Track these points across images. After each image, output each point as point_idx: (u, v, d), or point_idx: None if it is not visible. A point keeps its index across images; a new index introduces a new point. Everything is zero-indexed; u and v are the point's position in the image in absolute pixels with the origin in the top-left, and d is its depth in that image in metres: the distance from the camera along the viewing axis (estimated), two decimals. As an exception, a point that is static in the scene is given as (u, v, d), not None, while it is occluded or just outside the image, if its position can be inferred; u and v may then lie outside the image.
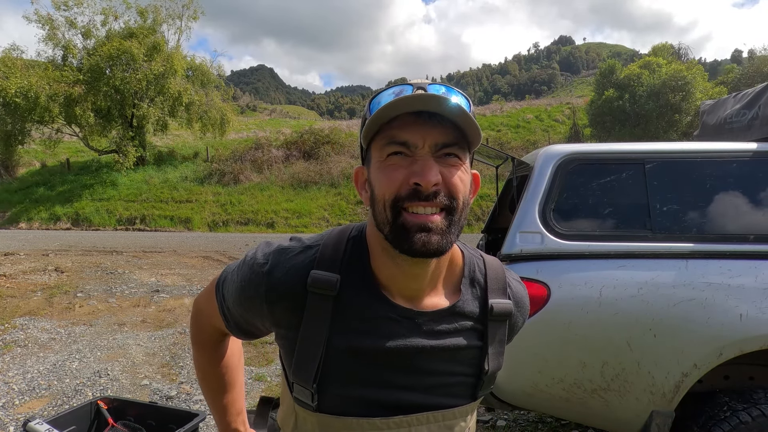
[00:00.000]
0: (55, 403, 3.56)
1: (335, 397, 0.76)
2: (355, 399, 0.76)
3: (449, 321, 0.79)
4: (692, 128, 18.45)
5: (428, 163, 0.68)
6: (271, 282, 0.76)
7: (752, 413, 1.92)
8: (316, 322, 0.75)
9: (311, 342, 0.75)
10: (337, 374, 0.76)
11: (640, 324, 1.97)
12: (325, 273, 0.75)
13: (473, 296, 0.82)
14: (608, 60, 24.31)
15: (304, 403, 0.78)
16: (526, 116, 26.47)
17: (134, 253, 10.55)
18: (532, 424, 3.21)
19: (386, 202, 0.70)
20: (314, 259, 0.77)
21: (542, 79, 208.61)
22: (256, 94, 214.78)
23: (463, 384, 0.81)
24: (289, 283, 0.76)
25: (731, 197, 2.17)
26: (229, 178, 19.37)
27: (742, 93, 3.07)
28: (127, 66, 18.75)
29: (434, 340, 0.77)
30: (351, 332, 0.75)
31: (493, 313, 0.81)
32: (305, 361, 0.76)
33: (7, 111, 18.09)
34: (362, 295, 0.76)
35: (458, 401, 0.80)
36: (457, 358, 0.79)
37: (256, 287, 0.78)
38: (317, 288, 0.75)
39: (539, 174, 2.24)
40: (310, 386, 0.75)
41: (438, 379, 0.79)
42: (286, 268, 0.77)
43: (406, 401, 0.77)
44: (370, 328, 0.75)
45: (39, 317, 5.65)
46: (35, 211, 18.04)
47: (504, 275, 0.85)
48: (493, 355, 0.81)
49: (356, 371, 0.76)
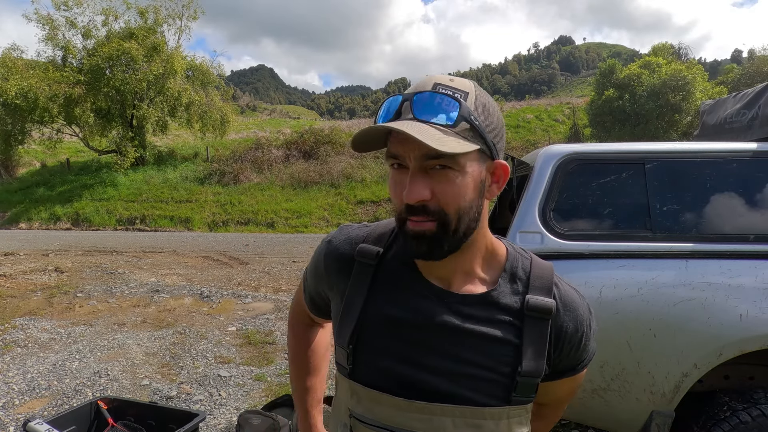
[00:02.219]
0: (55, 403, 3.56)
1: (365, 365, 0.81)
2: (381, 369, 0.80)
3: (481, 308, 0.79)
4: (692, 128, 18.44)
5: (413, 180, 0.72)
6: (329, 248, 0.90)
7: (752, 413, 1.92)
8: (358, 288, 0.83)
9: (351, 305, 0.83)
10: (368, 339, 0.81)
11: (640, 324, 1.97)
12: (370, 246, 0.86)
13: (512, 291, 0.81)
14: (608, 60, 24.30)
15: (341, 367, 0.85)
16: (526, 116, 26.47)
17: (134, 253, 10.55)
18: (532, 424, 3.20)
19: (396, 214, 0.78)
20: (367, 234, 0.89)
21: (542, 79, 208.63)
22: (256, 94, 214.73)
23: (494, 381, 0.77)
24: (342, 249, 0.88)
25: (731, 197, 2.16)
26: (229, 178, 19.37)
27: (742, 93, 3.07)
28: (127, 66, 18.76)
29: (462, 322, 0.78)
30: (383, 300, 0.82)
31: (529, 306, 0.79)
32: (345, 322, 0.83)
33: (6, 111, 18.10)
34: (399, 268, 0.83)
35: (488, 400, 0.77)
36: (487, 350, 0.77)
37: (319, 254, 0.92)
38: (362, 257, 0.85)
39: (539, 174, 2.24)
40: (346, 346, 0.82)
41: (465, 368, 0.77)
42: (341, 238, 0.90)
43: (431, 385, 0.77)
44: (400, 299, 0.81)
45: (39, 317, 5.65)
46: (35, 211, 18.05)
47: (551, 276, 0.84)
48: (530, 355, 0.78)
49: (385, 340, 0.80)
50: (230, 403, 3.56)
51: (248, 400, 3.62)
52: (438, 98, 0.72)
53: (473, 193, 0.74)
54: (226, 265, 9.34)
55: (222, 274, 8.37)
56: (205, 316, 5.81)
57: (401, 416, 0.77)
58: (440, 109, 0.71)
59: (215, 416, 3.34)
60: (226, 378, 4.00)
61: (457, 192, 0.72)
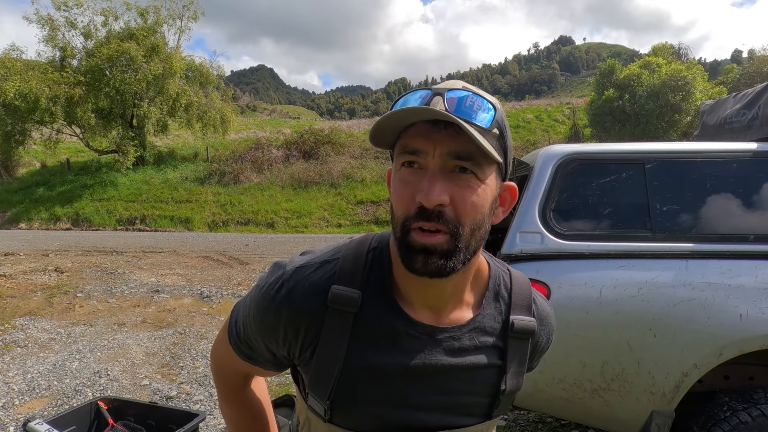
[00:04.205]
0: (55, 403, 3.55)
1: (349, 414, 0.75)
2: (369, 416, 0.74)
3: (470, 337, 0.75)
4: (692, 128, 18.45)
5: (434, 179, 0.63)
6: (290, 304, 0.73)
7: (752, 413, 1.92)
8: (335, 339, 0.72)
9: (328, 359, 0.72)
10: (353, 392, 0.73)
11: (640, 324, 1.97)
12: (346, 288, 0.72)
13: (496, 311, 0.79)
14: (608, 60, 24.29)
15: (317, 413, 0.77)
16: (526, 116, 26.47)
17: (134, 253, 10.55)
18: (532, 424, 3.21)
19: (398, 219, 0.67)
20: (333, 273, 0.74)
21: (542, 79, 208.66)
22: (256, 94, 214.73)
23: (479, 404, 0.78)
24: (310, 301, 0.72)
25: (731, 197, 2.16)
26: (229, 178, 19.37)
27: (742, 93, 3.07)
28: (126, 67, 18.76)
29: (455, 357, 0.74)
30: (370, 349, 0.73)
31: (514, 329, 0.77)
32: (321, 378, 0.73)
33: (6, 112, 18.10)
34: (383, 310, 0.73)
35: (472, 420, 0.78)
36: (476, 377, 0.76)
37: (276, 311, 0.74)
38: (338, 305, 0.72)
39: (539, 174, 2.24)
40: (324, 402, 0.74)
41: (457, 399, 0.76)
42: (305, 286, 0.73)
43: (421, 422, 0.75)
44: (390, 346, 0.73)
45: (39, 317, 5.65)
46: (35, 211, 18.05)
47: (530, 291, 0.82)
48: (512, 374, 0.78)
49: (374, 389, 0.73)
50: (230, 403, 3.56)
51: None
52: (472, 98, 0.65)
53: (489, 208, 0.69)
54: (226, 265, 9.34)
55: (222, 274, 8.37)
56: (205, 316, 5.81)
57: None
58: (477, 109, 0.65)
59: (215, 416, 3.34)
60: (226, 378, 4.00)
61: (476, 202, 0.65)
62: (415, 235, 0.65)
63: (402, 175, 0.67)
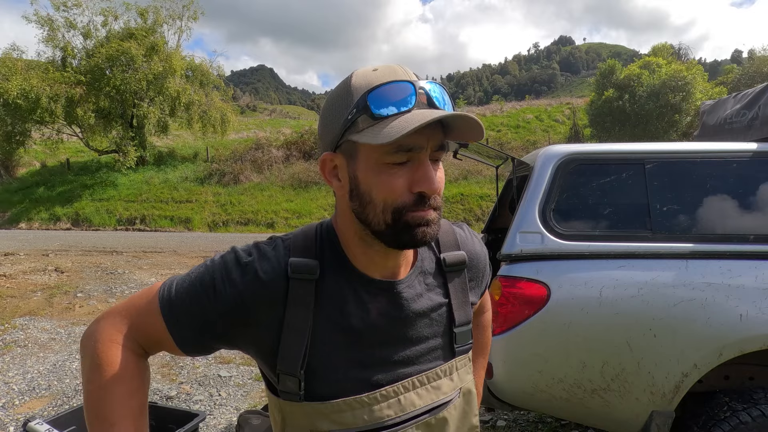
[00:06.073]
0: (55, 403, 3.55)
1: (324, 384, 0.76)
2: (344, 381, 0.76)
3: (419, 281, 0.82)
4: (692, 128, 18.44)
5: (430, 169, 0.71)
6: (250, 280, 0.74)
7: (752, 413, 1.92)
8: (301, 308, 0.75)
9: (296, 328, 0.75)
10: (325, 357, 0.76)
11: (640, 324, 1.97)
12: (303, 259, 0.76)
13: (430, 254, 0.86)
14: (608, 60, 24.27)
15: (290, 395, 0.76)
16: (526, 116, 26.46)
17: (134, 253, 10.55)
18: (532, 424, 3.21)
19: (386, 208, 0.71)
20: (288, 247, 0.78)
21: (542, 79, 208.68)
22: (256, 94, 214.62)
23: (442, 345, 0.84)
24: (272, 274, 0.75)
25: (731, 197, 2.17)
26: (229, 178, 19.37)
27: (742, 93, 3.07)
28: (126, 66, 18.76)
29: (414, 304, 0.80)
30: (335, 313, 0.76)
31: (448, 264, 0.85)
32: (291, 348, 0.75)
33: (7, 111, 18.10)
34: (342, 275, 0.78)
35: (441, 361, 0.84)
36: (433, 319, 0.83)
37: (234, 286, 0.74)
38: (299, 273, 0.75)
39: (539, 174, 2.24)
40: (298, 372, 0.75)
41: (425, 345, 0.82)
42: (266, 260, 0.76)
43: (398, 374, 0.79)
44: (355, 307, 0.77)
45: (39, 317, 5.65)
46: (35, 211, 18.05)
47: (453, 230, 0.91)
48: (457, 306, 0.85)
49: (344, 351, 0.76)
50: (230, 403, 3.56)
51: (248, 400, 3.62)
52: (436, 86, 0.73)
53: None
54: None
55: (222, 274, 8.36)
56: (205, 316, 5.81)
57: (371, 413, 0.76)
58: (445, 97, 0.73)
59: (215, 416, 3.34)
60: (226, 378, 4.00)
61: (443, 178, 0.76)
62: (412, 215, 0.72)
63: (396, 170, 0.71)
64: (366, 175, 0.72)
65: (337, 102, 0.73)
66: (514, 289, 2.07)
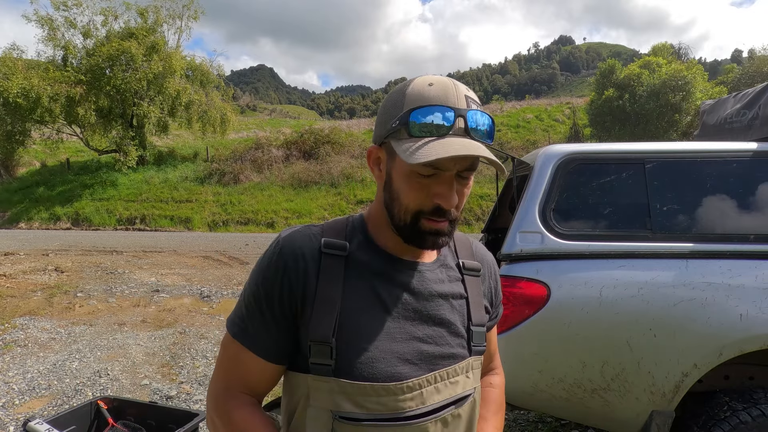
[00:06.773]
0: (55, 403, 3.56)
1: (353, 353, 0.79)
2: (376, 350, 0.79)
3: (441, 270, 0.90)
4: (692, 128, 18.45)
5: (452, 188, 0.78)
6: (289, 250, 0.82)
7: (752, 413, 1.92)
8: (331, 281, 0.81)
9: (328, 298, 0.80)
10: (354, 326, 0.80)
11: (640, 324, 1.97)
12: (334, 239, 0.84)
13: (450, 255, 0.94)
14: (608, 60, 24.27)
15: (322, 367, 0.79)
16: (526, 116, 26.46)
17: (134, 253, 10.55)
18: (532, 424, 3.21)
19: (408, 210, 0.80)
20: (321, 229, 0.86)
21: (542, 79, 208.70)
22: (256, 93, 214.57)
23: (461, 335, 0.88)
24: (306, 247, 0.83)
25: (731, 197, 2.16)
26: (229, 178, 19.37)
27: (742, 93, 3.07)
28: (126, 66, 18.76)
29: (437, 286, 0.87)
30: (364, 285, 0.82)
31: (466, 267, 0.93)
32: (322, 316, 0.80)
33: (7, 111, 18.10)
34: (369, 254, 0.85)
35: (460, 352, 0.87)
36: (454, 306, 0.89)
37: (277, 263, 0.82)
38: (330, 248, 0.83)
39: (539, 174, 2.24)
40: (330, 339, 0.79)
41: (447, 329, 0.86)
42: (299, 238, 0.84)
43: (426, 354, 0.83)
44: (381, 280, 0.83)
45: (39, 317, 5.65)
46: (35, 211, 18.05)
47: (469, 241, 1.00)
48: (474, 305, 0.91)
49: (372, 322, 0.81)
50: (230, 403, 3.56)
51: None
52: (482, 116, 0.78)
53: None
54: (226, 265, 9.34)
55: (222, 274, 8.37)
56: (205, 316, 5.81)
57: (395, 401, 0.79)
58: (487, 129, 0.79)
59: (215, 416, 3.34)
60: (226, 378, 4.00)
61: (467, 194, 0.82)
62: (426, 222, 0.80)
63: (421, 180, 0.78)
64: (398, 176, 0.80)
65: (390, 104, 0.81)
66: (514, 288, 2.07)
